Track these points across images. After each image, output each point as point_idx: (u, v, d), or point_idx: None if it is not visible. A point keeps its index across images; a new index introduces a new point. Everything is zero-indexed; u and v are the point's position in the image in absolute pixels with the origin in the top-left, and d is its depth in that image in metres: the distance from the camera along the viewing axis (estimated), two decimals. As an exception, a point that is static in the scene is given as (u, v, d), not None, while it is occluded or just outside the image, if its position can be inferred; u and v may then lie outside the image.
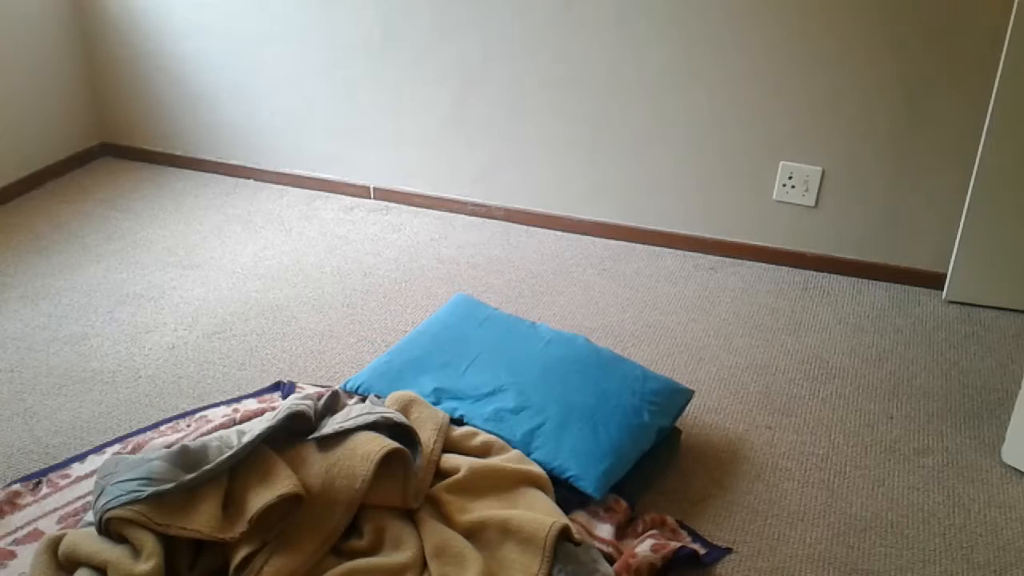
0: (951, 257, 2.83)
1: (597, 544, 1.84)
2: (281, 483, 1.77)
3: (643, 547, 1.81)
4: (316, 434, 1.91)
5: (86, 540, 1.72)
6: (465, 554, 1.73)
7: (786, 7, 2.82)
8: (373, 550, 1.78)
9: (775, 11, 2.85)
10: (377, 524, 1.81)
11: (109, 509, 1.69)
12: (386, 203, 3.55)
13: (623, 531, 1.91)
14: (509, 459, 1.95)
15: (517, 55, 3.13)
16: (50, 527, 1.92)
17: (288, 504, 1.77)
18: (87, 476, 2.09)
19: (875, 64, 2.79)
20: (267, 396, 2.38)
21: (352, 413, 1.96)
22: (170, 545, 1.70)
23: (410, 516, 1.84)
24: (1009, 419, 2.22)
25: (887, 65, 2.78)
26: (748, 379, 2.53)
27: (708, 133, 3.08)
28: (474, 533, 1.80)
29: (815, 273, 3.10)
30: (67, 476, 2.09)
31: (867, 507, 2.07)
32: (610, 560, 1.80)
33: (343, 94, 3.47)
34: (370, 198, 3.58)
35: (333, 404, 2.04)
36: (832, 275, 3.08)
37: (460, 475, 1.89)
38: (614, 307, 2.85)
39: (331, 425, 1.92)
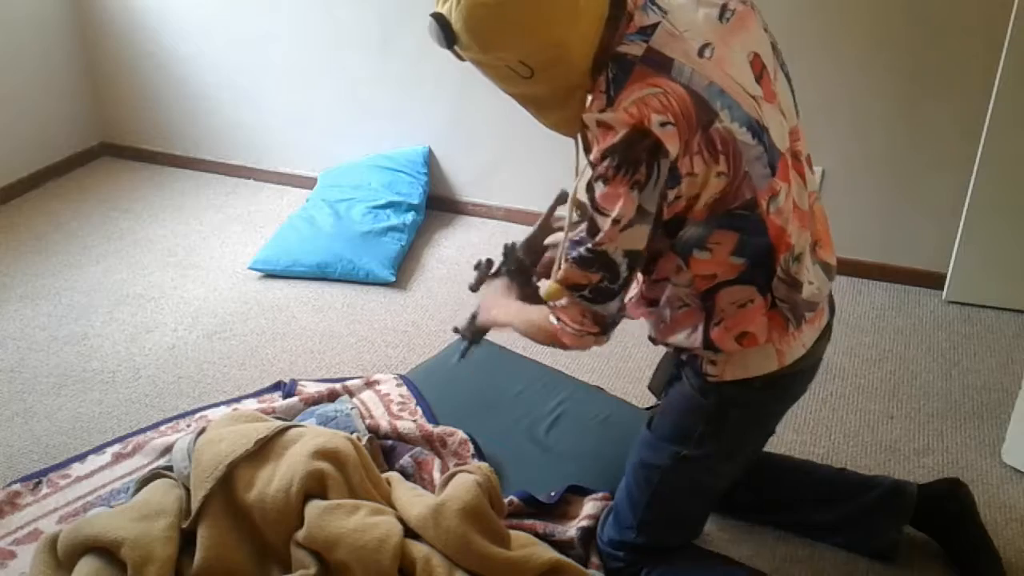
0: (951, 257, 2.83)
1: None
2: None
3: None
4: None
5: (91, 521, 1.72)
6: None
7: (785, 8, 2.82)
8: None
9: (773, 12, 2.84)
10: None
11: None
12: (386, 203, 3.55)
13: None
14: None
15: (517, 55, 3.13)
16: (50, 527, 1.92)
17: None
18: (87, 476, 2.09)
19: (875, 64, 2.79)
20: (267, 396, 2.38)
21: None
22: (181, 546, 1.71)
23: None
24: (1009, 419, 2.22)
25: (887, 65, 2.78)
26: (748, 379, 2.53)
27: (708, 133, 3.07)
28: None
29: (815, 273, 3.10)
30: (67, 476, 2.09)
31: (867, 507, 2.07)
32: (593, 533, 1.85)
33: (343, 94, 3.47)
34: (370, 198, 3.58)
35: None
36: (832, 275, 3.08)
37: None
38: (614, 307, 2.85)
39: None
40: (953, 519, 1.86)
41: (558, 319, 1.55)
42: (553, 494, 1.95)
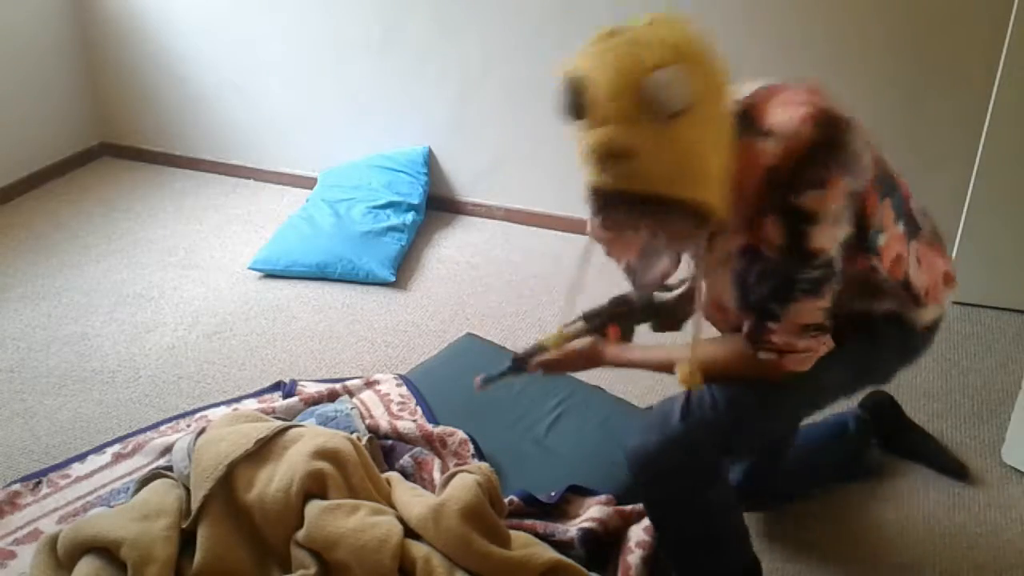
0: (951, 257, 2.83)
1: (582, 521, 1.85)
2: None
3: (634, 557, 1.81)
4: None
5: (91, 521, 1.72)
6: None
7: (785, 8, 2.82)
8: None
9: (774, 13, 2.85)
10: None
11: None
12: (386, 203, 3.55)
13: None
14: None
15: (517, 55, 3.13)
16: (50, 527, 1.92)
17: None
18: (87, 476, 2.09)
19: (874, 64, 2.79)
20: (267, 396, 2.37)
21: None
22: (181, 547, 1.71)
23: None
24: (1009, 419, 2.22)
25: (886, 65, 2.78)
26: (748, 379, 2.53)
27: (708, 133, 3.07)
28: None
29: (815, 273, 3.09)
30: (67, 476, 2.09)
31: (867, 507, 2.07)
32: (594, 536, 1.81)
33: (343, 94, 3.47)
34: (370, 198, 3.58)
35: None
36: (832, 275, 3.08)
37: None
38: (614, 307, 2.85)
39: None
40: (893, 422, 2.22)
41: (779, 352, 1.40)
42: (553, 494, 1.95)
